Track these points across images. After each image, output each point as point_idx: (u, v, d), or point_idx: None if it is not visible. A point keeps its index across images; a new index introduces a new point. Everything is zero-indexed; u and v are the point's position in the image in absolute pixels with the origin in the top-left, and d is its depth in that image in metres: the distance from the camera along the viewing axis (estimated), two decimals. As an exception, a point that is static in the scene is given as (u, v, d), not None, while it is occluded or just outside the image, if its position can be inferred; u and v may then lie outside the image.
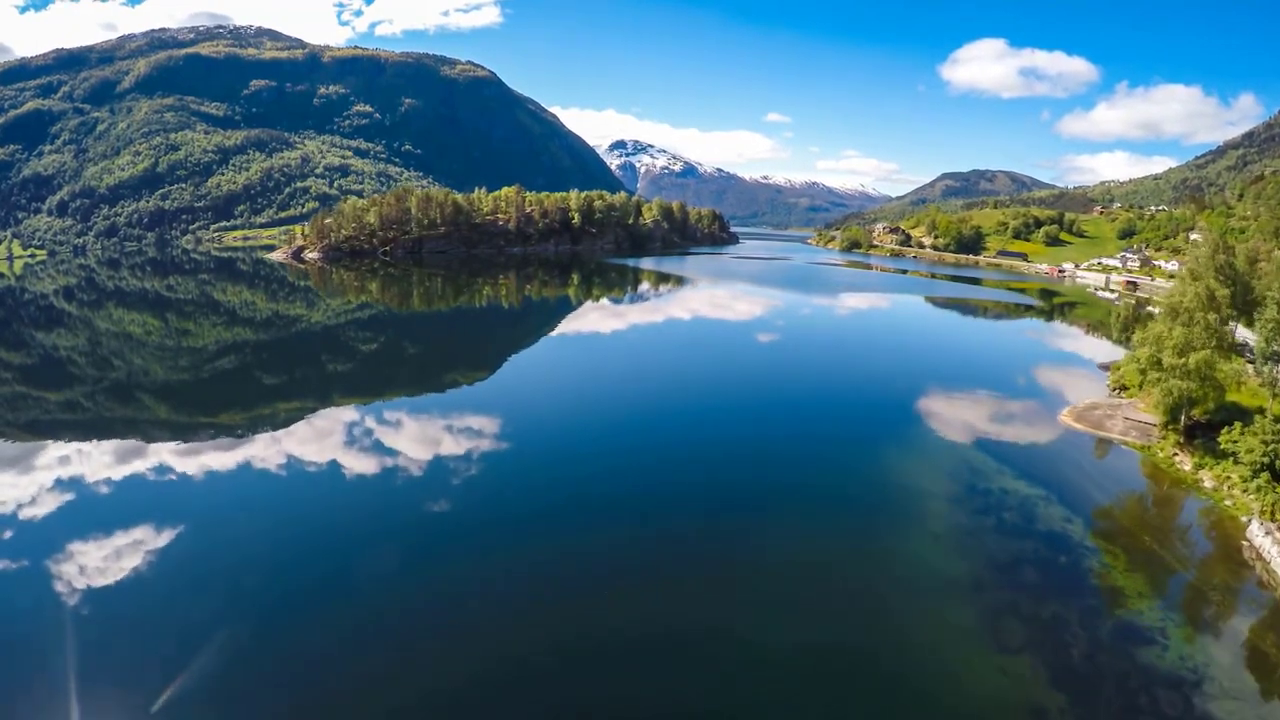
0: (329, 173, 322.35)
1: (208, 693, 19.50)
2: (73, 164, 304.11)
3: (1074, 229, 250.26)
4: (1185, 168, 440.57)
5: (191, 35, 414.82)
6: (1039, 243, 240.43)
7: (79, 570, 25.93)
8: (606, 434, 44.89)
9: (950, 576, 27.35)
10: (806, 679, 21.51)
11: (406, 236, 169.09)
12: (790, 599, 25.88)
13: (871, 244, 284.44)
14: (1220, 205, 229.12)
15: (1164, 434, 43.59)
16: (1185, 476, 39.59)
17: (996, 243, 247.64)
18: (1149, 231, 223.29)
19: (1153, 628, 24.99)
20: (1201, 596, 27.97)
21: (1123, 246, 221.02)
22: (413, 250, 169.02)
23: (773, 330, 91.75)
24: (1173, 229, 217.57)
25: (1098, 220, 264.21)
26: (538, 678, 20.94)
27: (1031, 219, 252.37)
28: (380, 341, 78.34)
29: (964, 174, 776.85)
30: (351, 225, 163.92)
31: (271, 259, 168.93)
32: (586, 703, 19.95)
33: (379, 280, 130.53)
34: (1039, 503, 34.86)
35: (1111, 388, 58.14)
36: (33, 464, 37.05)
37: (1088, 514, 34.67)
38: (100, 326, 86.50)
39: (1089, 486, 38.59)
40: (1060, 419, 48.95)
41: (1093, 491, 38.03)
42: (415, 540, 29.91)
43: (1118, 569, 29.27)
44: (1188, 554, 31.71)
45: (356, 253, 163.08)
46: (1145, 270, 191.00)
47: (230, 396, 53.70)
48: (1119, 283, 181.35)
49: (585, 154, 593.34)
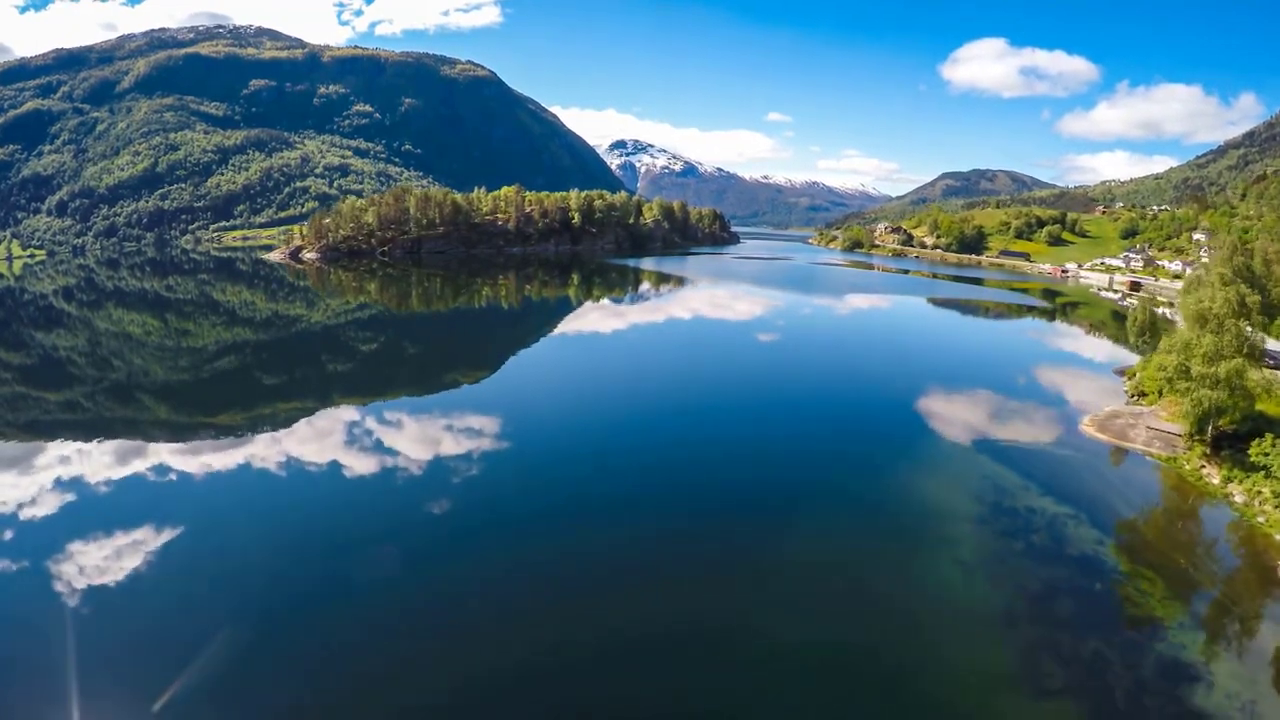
0: (329, 172, 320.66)
1: (209, 693, 19.40)
2: (72, 164, 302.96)
3: (1076, 229, 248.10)
4: (1186, 167, 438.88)
5: (191, 35, 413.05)
6: (1041, 242, 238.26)
7: (79, 570, 25.75)
8: (607, 434, 44.45)
9: (980, 610, 25.93)
10: (818, 697, 20.73)
11: (405, 236, 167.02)
12: (800, 609, 25.30)
13: (873, 244, 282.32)
14: (1223, 205, 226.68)
15: (1190, 445, 41.44)
16: (1214, 490, 37.81)
17: (999, 242, 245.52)
18: (1151, 231, 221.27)
19: (1197, 663, 23.57)
20: (1242, 625, 26.61)
21: (1126, 246, 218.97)
22: (411, 250, 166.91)
23: (774, 330, 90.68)
24: (1175, 229, 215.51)
25: (1100, 220, 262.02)
26: (538, 678, 20.79)
27: (1034, 219, 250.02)
28: (379, 342, 77.43)
29: (964, 174, 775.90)
30: (349, 225, 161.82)
31: (269, 259, 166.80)
32: (587, 703, 19.82)
33: (378, 280, 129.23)
34: (1068, 522, 33.10)
35: (1130, 394, 56.01)
36: (32, 464, 36.87)
37: (1117, 533, 33.15)
38: (100, 327, 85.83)
39: (1117, 502, 36.98)
40: (1082, 428, 47.07)
41: (1121, 507, 36.45)
42: (415, 540, 29.70)
43: (1154, 596, 27.70)
44: (1223, 576, 30.22)
45: (355, 253, 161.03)
46: (1149, 270, 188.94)
47: (229, 396, 53.35)
48: (1122, 283, 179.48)
49: (585, 154, 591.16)
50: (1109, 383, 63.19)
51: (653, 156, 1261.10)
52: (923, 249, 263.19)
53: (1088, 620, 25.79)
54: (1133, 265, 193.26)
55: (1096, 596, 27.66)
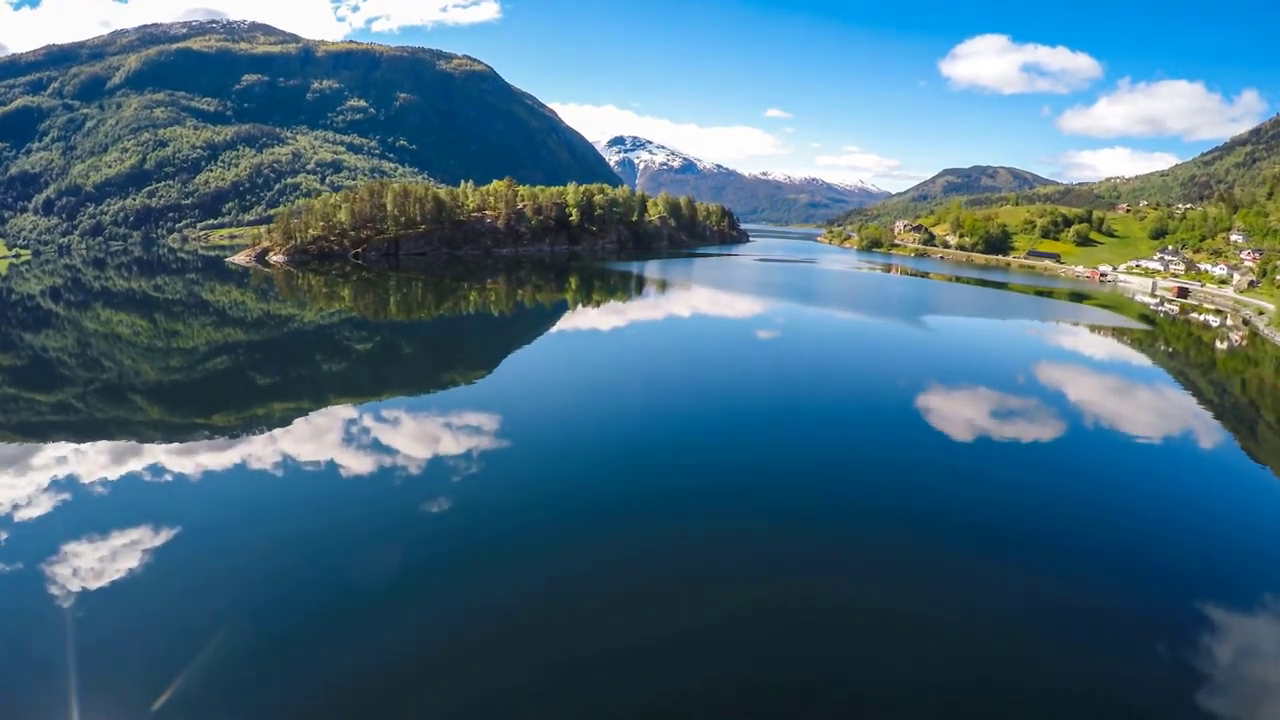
0: (321, 168, 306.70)
1: (208, 692, 19.33)
2: (60, 162, 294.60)
3: (1103, 227, 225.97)
4: (1193, 164, 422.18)
5: (184, 30, 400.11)
6: (1069, 242, 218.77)
7: (75, 571, 25.52)
8: (608, 433, 43.15)
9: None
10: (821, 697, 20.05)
11: (381, 237, 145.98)
12: (812, 624, 23.87)
13: (893, 243, 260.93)
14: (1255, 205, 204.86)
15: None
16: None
17: (1024, 242, 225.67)
18: (1183, 232, 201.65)
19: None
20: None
21: (1155, 247, 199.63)
22: (388, 252, 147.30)
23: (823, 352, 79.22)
24: (1210, 229, 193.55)
25: (1125, 219, 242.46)
26: (540, 678, 20.49)
27: (1060, 217, 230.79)
28: (359, 352, 74.51)
29: (965, 170, 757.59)
30: (320, 224, 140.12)
31: (235, 262, 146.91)
32: (589, 708, 19.51)
33: (350, 286, 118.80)
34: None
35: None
36: (24, 466, 36.25)
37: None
38: (89, 327, 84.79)
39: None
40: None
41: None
42: (414, 540, 28.90)
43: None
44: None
45: (325, 255, 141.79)
46: (1191, 275, 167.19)
47: (222, 396, 52.01)
48: (1167, 289, 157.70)
49: (584, 150, 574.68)
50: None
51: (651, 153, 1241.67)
52: (946, 249, 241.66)
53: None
54: (1172, 269, 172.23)
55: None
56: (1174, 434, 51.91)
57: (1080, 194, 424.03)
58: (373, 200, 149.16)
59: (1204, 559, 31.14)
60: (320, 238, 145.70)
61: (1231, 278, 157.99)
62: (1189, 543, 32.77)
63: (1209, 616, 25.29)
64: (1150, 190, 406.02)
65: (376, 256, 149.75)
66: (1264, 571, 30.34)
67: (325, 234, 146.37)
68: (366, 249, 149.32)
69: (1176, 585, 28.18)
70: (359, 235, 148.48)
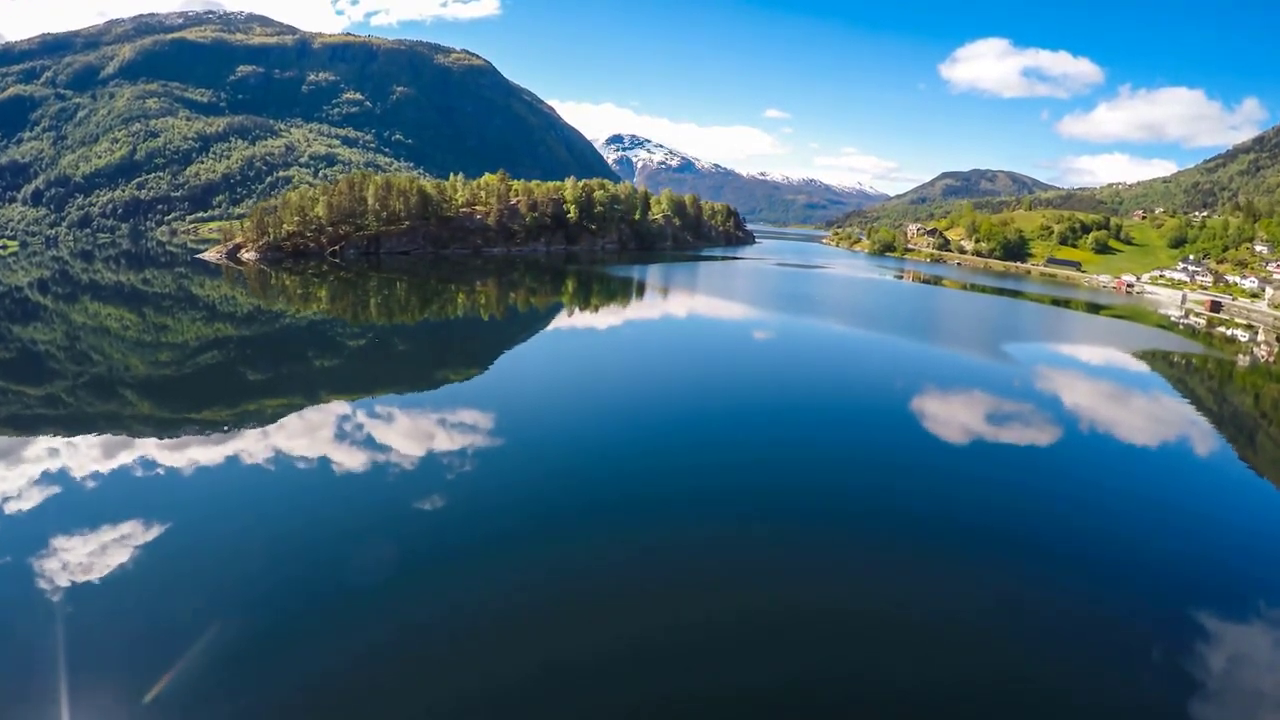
0: (314, 161, 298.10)
1: (199, 686, 18.85)
2: (50, 152, 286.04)
3: (1120, 235, 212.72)
4: (1196, 170, 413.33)
5: (180, 20, 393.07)
6: (1088, 249, 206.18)
7: (65, 566, 24.83)
8: (608, 433, 41.53)
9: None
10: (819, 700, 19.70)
11: (361, 234, 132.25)
12: (812, 617, 23.24)
13: (906, 247, 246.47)
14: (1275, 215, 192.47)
15: None
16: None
17: (1041, 248, 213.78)
18: (1204, 241, 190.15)
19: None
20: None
21: (1176, 256, 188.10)
22: (367, 250, 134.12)
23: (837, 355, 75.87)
24: (1232, 239, 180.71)
25: (1143, 226, 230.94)
26: (531, 677, 19.87)
27: (1077, 223, 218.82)
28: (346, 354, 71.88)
29: (964, 173, 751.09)
30: (295, 219, 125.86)
31: (205, 259, 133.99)
32: (584, 708, 18.89)
33: (327, 287, 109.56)
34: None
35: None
36: (12, 459, 35.11)
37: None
38: (77, 320, 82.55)
39: None
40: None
41: None
42: (409, 536, 28.08)
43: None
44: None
45: (300, 253, 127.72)
46: (1220, 287, 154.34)
47: (213, 390, 49.97)
48: (1199, 302, 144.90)
49: (582, 148, 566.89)
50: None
51: (649, 152, 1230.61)
52: (962, 254, 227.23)
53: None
54: (1199, 280, 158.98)
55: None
56: (1193, 444, 49.69)
57: (1082, 198, 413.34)
58: (352, 193, 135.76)
59: (1206, 566, 30.72)
60: (295, 233, 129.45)
61: (1264, 291, 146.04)
62: (1191, 550, 32.12)
63: (1205, 624, 24.92)
64: (1153, 197, 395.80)
65: (355, 255, 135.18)
66: (1261, 578, 30.00)
67: (301, 229, 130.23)
68: (344, 246, 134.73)
69: (1174, 591, 27.72)
70: (337, 231, 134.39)
